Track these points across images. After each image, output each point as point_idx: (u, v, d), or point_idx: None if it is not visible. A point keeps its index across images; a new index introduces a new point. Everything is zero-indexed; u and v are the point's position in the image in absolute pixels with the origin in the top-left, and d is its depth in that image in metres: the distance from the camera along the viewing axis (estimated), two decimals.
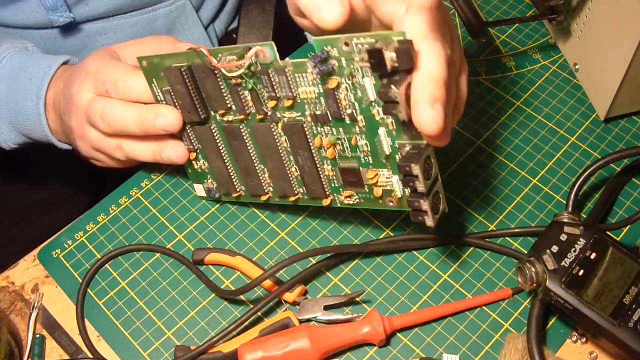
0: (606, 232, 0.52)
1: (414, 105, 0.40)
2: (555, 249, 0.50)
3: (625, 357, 0.49)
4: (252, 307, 0.52)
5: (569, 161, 0.62)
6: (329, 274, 0.56)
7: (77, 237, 0.59)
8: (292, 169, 0.52)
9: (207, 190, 0.59)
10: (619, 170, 0.60)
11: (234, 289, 0.54)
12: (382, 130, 0.46)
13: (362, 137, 0.47)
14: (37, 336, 0.54)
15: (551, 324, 0.53)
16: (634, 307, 0.48)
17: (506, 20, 0.70)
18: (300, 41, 0.71)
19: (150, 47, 0.56)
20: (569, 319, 0.51)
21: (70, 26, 0.66)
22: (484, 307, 0.54)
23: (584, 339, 0.52)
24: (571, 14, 0.65)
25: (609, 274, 0.50)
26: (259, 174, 0.55)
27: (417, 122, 0.40)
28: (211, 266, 0.57)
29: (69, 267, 0.57)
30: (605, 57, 0.61)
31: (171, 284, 0.56)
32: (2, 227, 0.77)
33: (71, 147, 0.62)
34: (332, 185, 0.52)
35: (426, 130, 0.40)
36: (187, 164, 0.58)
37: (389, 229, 0.58)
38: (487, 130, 0.64)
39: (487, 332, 0.53)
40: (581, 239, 0.51)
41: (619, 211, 0.59)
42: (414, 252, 0.57)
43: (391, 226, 0.58)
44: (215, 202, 0.60)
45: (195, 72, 0.51)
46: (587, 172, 0.55)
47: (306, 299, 0.54)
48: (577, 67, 0.67)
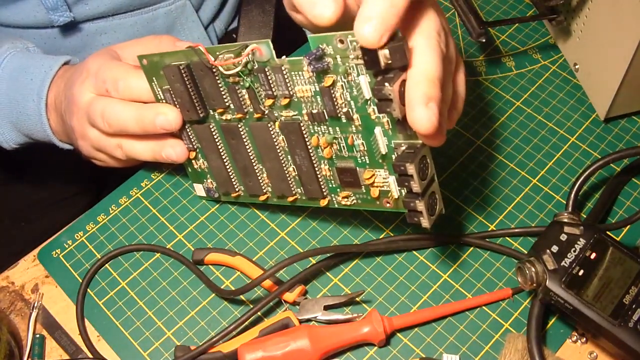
0: (606, 232, 0.52)
1: (408, 104, 0.40)
2: (555, 249, 0.50)
3: (625, 357, 0.49)
4: (252, 307, 0.52)
5: (569, 161, 0.62)
6: (329, 274, 0.56)
7: (77, 237, 0.59)
8: (290, 169, 0.52)
9: (207, 190, 0.59)
10: (619, 170, 0.60)
11: (234, 289, 0.54)
12: (378, 129, 0.46)
13: (359, 136, 0.47)
14: (37, 336, 0.54)
15: (551, 324, 0.53)
16: (634, 307, 0.48)
17: (506, 20, 0.70)
18: (300, 41, 0.71)
19: (150, 47, 0.56)
20: (569, 319, 0.51)
21: (70, 26, 0.66)
22: (484, 307, 0.54)
23: (584, 339, 0.52)
24: (571, 14, 0.65)
25: (609, 274, 0.50)
26: (257, 174, 0.55)
27: (411, 121, 0.40)
28: (211, 266, 0.57)
29: (69, 267, 0.57)
30: (605, 57, 0.61)
31: (171, 284, 0.56)
32: (2, 227, 0.77)
33: (72, 148, 0.62)
34: (330, 185, 0.52)
35: (420, 129, 0.40)
36: (186, 164, 0.58)
37: (389, 229, 0.58)
38: (487, 130, 0.64)
39: (487, 332, 0.53)
40: (581, 239, 0.51)
41: (619, 211, 0.59)
42: (414, 252, 0.57)
43: (391, 226, 0.58)
44: (215, 202, 0.60)
45: (193, 70, 0.51)
46: (587, 172, 0.55)
47: (306, 299, 0.54)
48: (577, 67, 0.67)
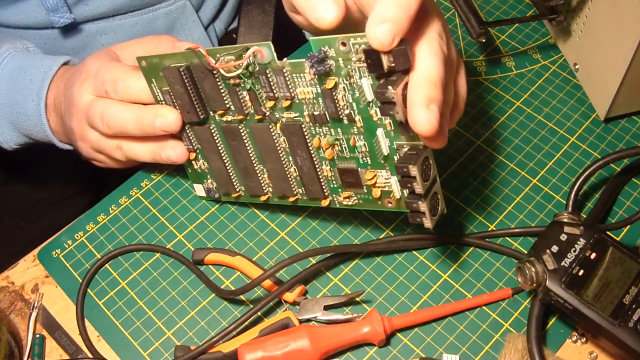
0: (606, 232, 0.52)
1: (409, 106, 0.40)
2: (555, 249, 0.50)
3: (625, 357, 0.49)
4: (252, 307, 0.52)
5: (569, 161, 0.62)
6: (329, 274, 0.56)
7: (77, 237, 0.59)
8: (291, 170, 0.52)
9: (207, 190, 0.59)
10: (619, 170, 0.60)
11: (234, 289, 0.54)
12: (380, 130, 0.46)
13: (361, 137, 0.47)
14: (37, 336, 0.54)
15: (551, 324, 0.53)
16: (634, 307, 0.48)
17: (506, 20, 0.70)
18: (300, 41, 0.71)
19: (149, 47, 0.56)
20: (569, 319, 0.51)
21: (70, 26, 0.66)
22: (484, 307, 0.54)
23: (584, 339, 0.52)
24: (571, 14, 0.65)
25: (609, 274, 0.50)
26: (258, 175, 0.55)
27: (412, 123, 0.40)
28: (211, 266, 0.57)
29: (69, 267, 0.57)
30: (605, 57, 0.61)
31: (171, 284, 0.56)
32: (2, 227, 0.77)
33: (72, 148, 0.62)
34: (331, 185, 0.52)
35: (421, 131, 0.40)
36: (186, 164, 0.58)
37: (389, 229, 0.58)
38: (487, 130, 0.64)
39: (487, 332, 0.53)
40: (581, 239, 0.51)
41: (619, 211, 0.59)
42: (414, 252, 0.57)
43: (391, 226, 0.58)
44: (215, 202, 0.60)
45: (194, 72, 0.51)
46: (587, 172, 0.55)
47: (306, 299, 0.54)
48: (577, 67, 0.67)
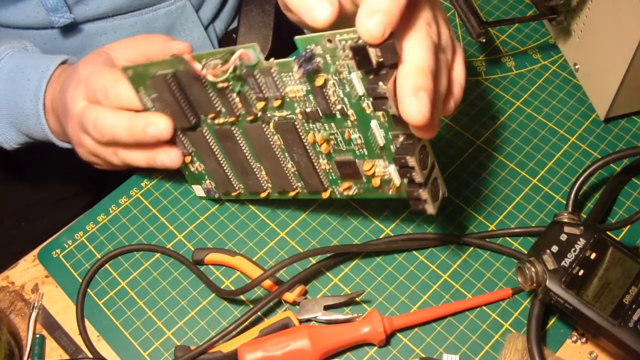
0: (606, 232, 0.52)
1: (398, 96, 0.40)
2: (555, 249, 0.50)
3: (625, 357, 0.49)
4: (252, 307, 0.52)
5: (569, 161, 0.62)
6: (329, 274, 0.56)
7: (77, 237, 0.59)
8: (289, 166, 0.52)
9: (206, 190, 0.59)
10: (619, 170, 0.60)
11: (234, 289, 0.54)
12: (374, 122, 0.46)
13: (355, 130, 0.47)
14: (37, 336, 0.54)
15: (551, 324, 0.53)
16: (634, 307, 0.48)
17: (506, 20, 0.70)
18: None
19: (141, 47, 0.56)
20: (569, 319, 0.51)
21: (70, 26, 0.66)
22: (484, 307, 0.54)
23: (584, 339, 0.52)
24: (571, 14, 0.65)
25: (609, 274, 0.50)
26: (256, 172, 0.55)
27: (402, 113, 0.40)
28: (211, 266, 0.57)
29: (69, 267, 0.57)
30: (605, 57, 0.61)
31: (171, 284, 0.56)
32: (2, 227, 0.77)
33: (72, 146, 0.62)
34: (330, 178, 0.51)
35: (411, 120, 0.39)
36: (183, 167, 0.58)
37: (389, 229, 0.58)
38: (487, 130, 0.64)
39: (487, 332, 0.53)
40: (581, 239, 0.51)
41: (619, 211, 0.59)
42: (414, 252, 0.57)
43: (391, 226, 0.58)
44: (215, 202, 0.60)
45: (181, 79, 0.50)
46: (587, 172, 0.55)
47: (306, 299, 0.54)
48: (577, 67, 0.67)
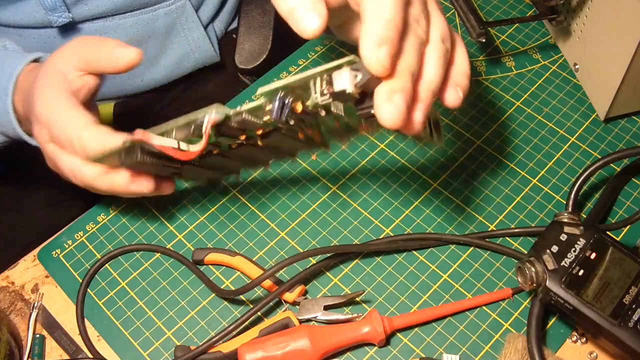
0: (606, 232, 0.52)
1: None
2: (555, 249, 0.50)
3: (625, 357, 0.49)
4: (252, 307, 0.52)
5: (569, 161, 0.62)
6: (329, 274, 0.56)
7: (77, 237, 0.59)
8: (283, 152, 0.51)
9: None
10: (619, 170, 0.60)
11: (234, 289, 0.54)
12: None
13: (343, 117, 0.44)
14: (37, 336, 0.54)
15: (551, 324, 0.53)
16: (634, 307, 0.48)
17: (506, 20, 0.70)
18: (300, 41, 0.71)
19: (88, 54, 0.52)
20: (569, 319, 0.51)
21: (69, 26, 0.66)
22: (484, 307, 0.54)
23: (584, 339, 0.52)
24: (571, 14, 0.65)
25: (609, 274, 0.50)
26: (250, 166, 0.54)
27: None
28: (211, 266, 0.57)
29: (69, 267, 0.57)
30: (605, 57, 0.61)
31: (171, 284, 0.56)
32: (2, 227, 0.76)
33: None
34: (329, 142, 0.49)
35: (374, 69, 0.38)
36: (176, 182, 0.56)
37: (389, 229, 0.58)
38: (487, 130, 0.64)
39: (487, 332, 0.53)
40: (581, 239, 0.51)
41: (619, 211, 0.59)
42: (414, 252, 0.57)
43: (391, 226, 0.58)
44: (215, 202, 0.60)
45: (152, 151, 0.46)
46: (587, 172, 0.55)
47: (306, 299, 0.54)
48: (577, 67, 0.67)
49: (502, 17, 0.72)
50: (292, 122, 0.44)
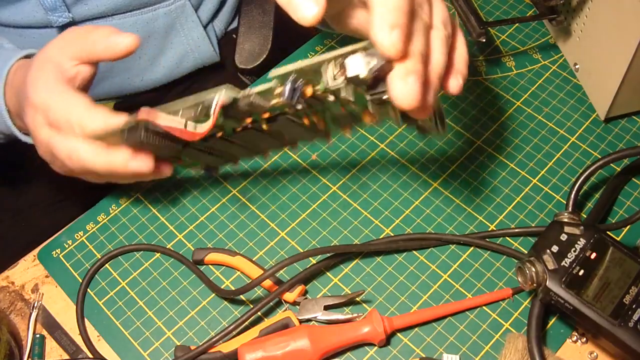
0: (606, 232, 0.52)
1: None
2: (555, 249, 0.50)
3: (625, 357, 0.49)
4: (252, 307, 0.52)
5: (569, 161, 0.62)
6: (329, 274, 0.56)
7: (77, 237, 0.59)
8: (285, 140, 0.51)
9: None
10: (619, 170, 0.60)
11: (234, 289, 0.54)
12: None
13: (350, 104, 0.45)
14: (37, 336, 0.54)
15: (551, 324, 0.53)
16: (634, 307, 0.48)
17: (506, 20, 0.70)
18: (300, 41, 0.71)
19: (83, 43, 0.51)
20: (569, 319, 0.51)
21: (69, 26, 0.66)
22: (484, 307, 0.54)
23: (584, 339, 0.52)
24: (571, 14, 0.65)
25: (609, 274, 0.50)
26: (253, 153, 0.54)
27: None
28: (211, 266, 0.57)
29: (69, 267, 0.57)
30: (605, 57, 0.61)
31: (171, 284, 0.56)
32: (2, 227, 0.76)
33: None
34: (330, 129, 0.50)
35: (386, 51, 0.39)
36: (175, 167, 0.55)
37: (389, 229, 0.58)
38: (487, 130, 0.64)
39: (487, 332, 0.53)
40: (581, 239, 0.51)
41: (619, 211, 0.59)
42: (414, 252, 0.57)
43: (391, 226, 0.58)
44: (215, 202, 0.60)
45: (158, 130, 0.46)
46: (587, 172, 0.55)
47: (306, 299, 0.54)
48: (577, 67, 0.67)
49: (502, 17, 0.72)
50: (299, 107, 0.44)
